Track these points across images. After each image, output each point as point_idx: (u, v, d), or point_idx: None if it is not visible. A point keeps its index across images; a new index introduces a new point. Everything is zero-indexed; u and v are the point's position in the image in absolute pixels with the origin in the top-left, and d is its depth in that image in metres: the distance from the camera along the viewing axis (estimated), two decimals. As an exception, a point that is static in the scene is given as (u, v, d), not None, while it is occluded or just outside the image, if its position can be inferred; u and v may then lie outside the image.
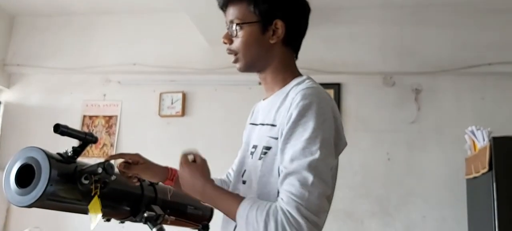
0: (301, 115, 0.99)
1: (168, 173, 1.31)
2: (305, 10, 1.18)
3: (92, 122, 3.56)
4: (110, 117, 3.55)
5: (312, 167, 0.94)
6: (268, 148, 1.06)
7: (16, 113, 3.66)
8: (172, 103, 3.46)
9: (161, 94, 3.48)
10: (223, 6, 1.16)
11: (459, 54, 3.17)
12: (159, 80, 3.50)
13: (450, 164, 3.00)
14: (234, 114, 3.28)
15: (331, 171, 1.03)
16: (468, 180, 2.77)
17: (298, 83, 1.09)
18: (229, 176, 1.40)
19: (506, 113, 3.05)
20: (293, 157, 0.96)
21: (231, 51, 1.15)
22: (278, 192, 0.98)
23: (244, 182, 1.13)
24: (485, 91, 3.14)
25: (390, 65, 3.25)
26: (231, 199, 1.03)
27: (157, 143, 3.34)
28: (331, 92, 3.18)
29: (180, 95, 3.45)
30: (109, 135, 3.51)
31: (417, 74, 3.22)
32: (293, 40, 1.16)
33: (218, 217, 1.47)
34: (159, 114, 3.46)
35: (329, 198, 1.03)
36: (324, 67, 3.24)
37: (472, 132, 2.62)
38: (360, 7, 3.34)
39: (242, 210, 0.97)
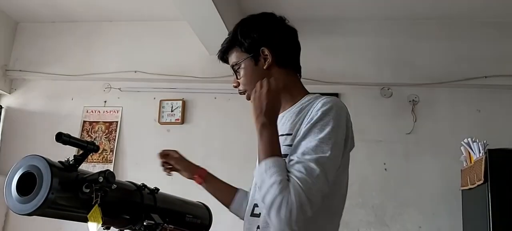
0: (320, 118, 1.09)
1: (197, 169, 1.48)
2: (288, 32, 1.29)
3: (92, 128, 3.58)
4: (110, 123, 3.57)
5: (320, 162, 1.02)
6: (285, 156, 1.12)
7: (17, 119, 3.68)
8: (172, 110, 3.49)
9: (161, 101, 3.51)
10: (223, 59, 1.33)
11: (455, 66, 3.21)
12: (159, 87, 3.53)
13: (446, 175, 3.02)
14: (233, 123, 3.31)
15: (338, 170, 1.10)
16: (463, 192, 2.79)
17: (314, 98, 1.19)
18: None
19: (502, 125, 3.08)
20: (305, 151, 1.05)
21: (241, 92, 1.30)
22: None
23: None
24: (481, 104, 3.18)
25: (387, 77, 3.29)
26: (266, 148, 1.08)
27: (157, 150, 3.29)
28: (329, 102, 3.20)
29: (180, 103, 3.48)
30: (109, 140, 3.53)
31: (414, 86, 3.25)
32: (286, 60, 1.26)
33: (216, 226, 1.50)
34: (159, 121, 3.48)
35: (341, 191, 1.19)
36: (323, 78, 3.27)
37: (468, 144, 2.64)
38: (358, 19, 3.38)
39: (264, 166, 1.05)
